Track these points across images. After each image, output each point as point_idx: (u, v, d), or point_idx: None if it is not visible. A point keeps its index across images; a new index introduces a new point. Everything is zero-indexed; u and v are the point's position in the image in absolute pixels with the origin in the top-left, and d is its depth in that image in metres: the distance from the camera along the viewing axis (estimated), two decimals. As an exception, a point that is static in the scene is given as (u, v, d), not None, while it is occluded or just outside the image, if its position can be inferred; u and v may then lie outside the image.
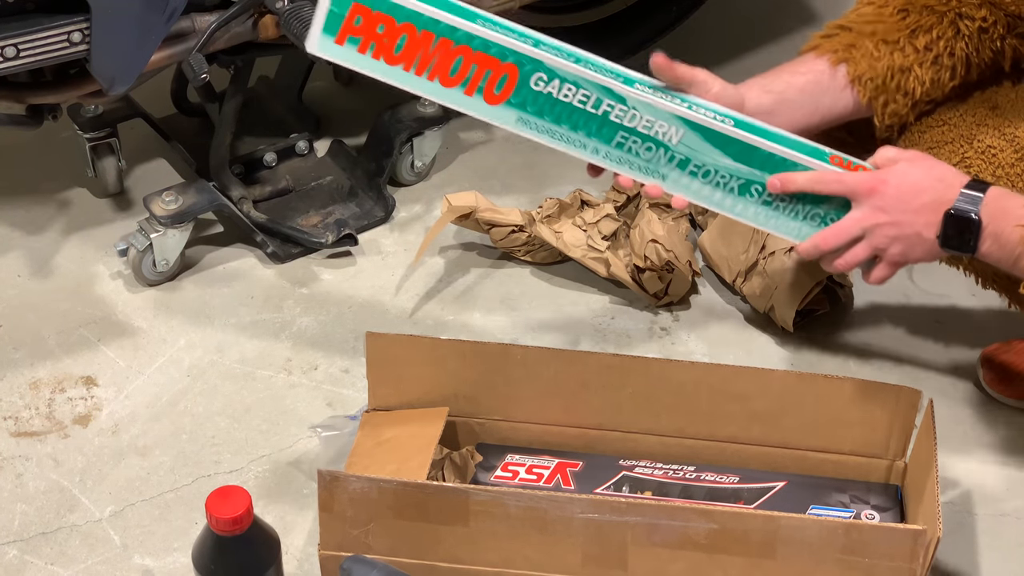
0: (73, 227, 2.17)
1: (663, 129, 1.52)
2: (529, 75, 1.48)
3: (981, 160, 1.65)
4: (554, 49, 1.50)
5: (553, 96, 1.49)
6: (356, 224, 2.16)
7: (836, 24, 1.67)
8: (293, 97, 2.34)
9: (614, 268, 2.05)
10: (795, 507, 1.66)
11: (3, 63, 1.79)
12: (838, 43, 1.65)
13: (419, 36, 1.46)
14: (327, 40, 1.46)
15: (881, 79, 1.64)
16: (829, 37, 1.66)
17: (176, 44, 1.92)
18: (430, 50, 1.46)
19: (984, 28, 1.66)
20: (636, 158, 1.53)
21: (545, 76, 1.48)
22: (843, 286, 2.03)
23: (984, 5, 1.64)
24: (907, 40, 1.65)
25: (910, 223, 1.52)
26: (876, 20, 1.66)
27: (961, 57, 1.66)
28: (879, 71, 1.64)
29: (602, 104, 1.51)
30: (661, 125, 1.52)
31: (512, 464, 1.74)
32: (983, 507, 1.79)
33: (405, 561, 1.56)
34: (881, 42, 1.65)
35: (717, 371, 1.72)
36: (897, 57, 1.65)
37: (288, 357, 1.97)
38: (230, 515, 1.48)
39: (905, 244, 1.53)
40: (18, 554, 1.71)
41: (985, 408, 1.91)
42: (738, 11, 2.62)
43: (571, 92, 1.49)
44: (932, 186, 1.51)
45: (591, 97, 1.50)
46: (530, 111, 1.50)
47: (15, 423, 1.87)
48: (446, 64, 1.47)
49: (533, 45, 1.49)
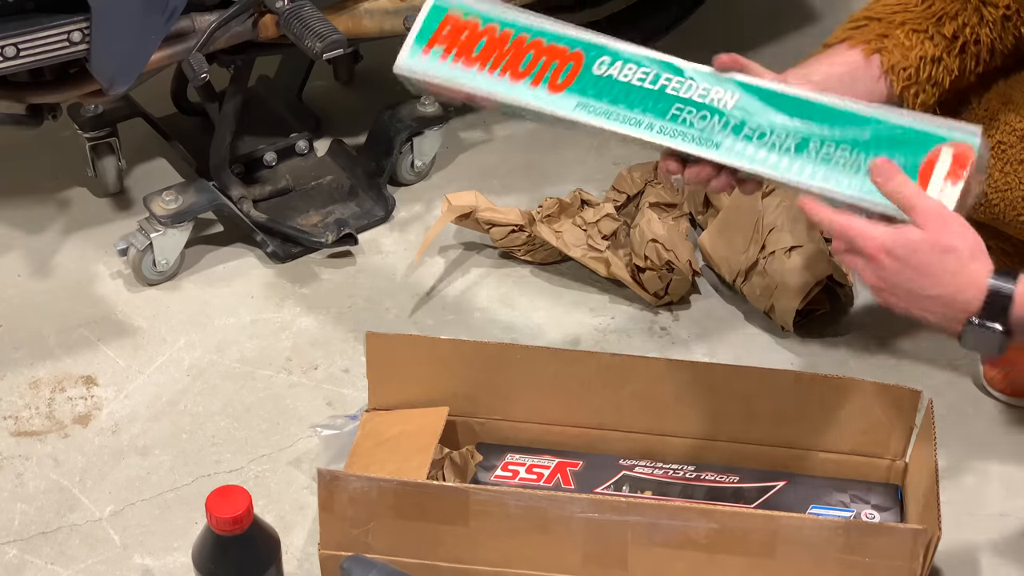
0: (73, 226, 2.17)
1: (718, 95, 1.51)
2: (593, 60, 1.54)
3: (992, 156, 1.65)
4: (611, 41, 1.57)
5: (614, 77, 1.54)
6: (356, 224, 2.16)
7: (863, 15, 1.65)
8: (293, 97, 2.34)
9: (614, 268, 2.05)
10: (795, 507, 1.66)
11: (3, 63, 1.79)
12: (870, 33, 1.64)
13: (498, 36, 1.56)
14: (416, 50, 1.58)
15: (914, 69, 1.63)
16: (859, 28, 1.63)
17: (176, 44, 1.92)
18: (506, 48, 1.55)
19: (1008, 16, 1.65)
20: (690, 128, 1.51)
21: (609, 59, 1.54)
22: (843, 286, 2.03)
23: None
24: (935, 28, 1.64)
25: (920, 312, 1.42)
26: (903, 9, 1.65)
27: (986, 43, 1.66)
28: (912, 61, 1.63)
29: (660, 78, 1.53)
30: (717, 91, 1.52)
31: (512, 464, 1.74)
32: (983, 507, 1.79)
33: (405, 561, 1.56)
34: (911, 31, 1.64)
35: (717, 371, 1.72)
36: (928, 46, 1.64)
37: (288, 357, 1.97)
38: (230, 515, 1.48)
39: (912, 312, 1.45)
40: (18, 554, 1.71)
41: (985, 407, 1.91)
42: (738, 11, 2.62)
43: (631, 71, 1.54)
44: (946, 281, 1.39)
45: (650, 73, 1.54)
46: (590, 94, 1.53)
47: (15, 422, 1.87)
48: (518, 59, 1.55)
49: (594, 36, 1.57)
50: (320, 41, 1.90)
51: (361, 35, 2.04)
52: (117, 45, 1.84)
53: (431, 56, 1.58)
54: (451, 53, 1.57)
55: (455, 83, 1.57)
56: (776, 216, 2.04)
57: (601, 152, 2.33)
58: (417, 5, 2.02)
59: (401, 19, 2.03)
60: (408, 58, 1.59)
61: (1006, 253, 1.73)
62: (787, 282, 1.98)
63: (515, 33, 1.57)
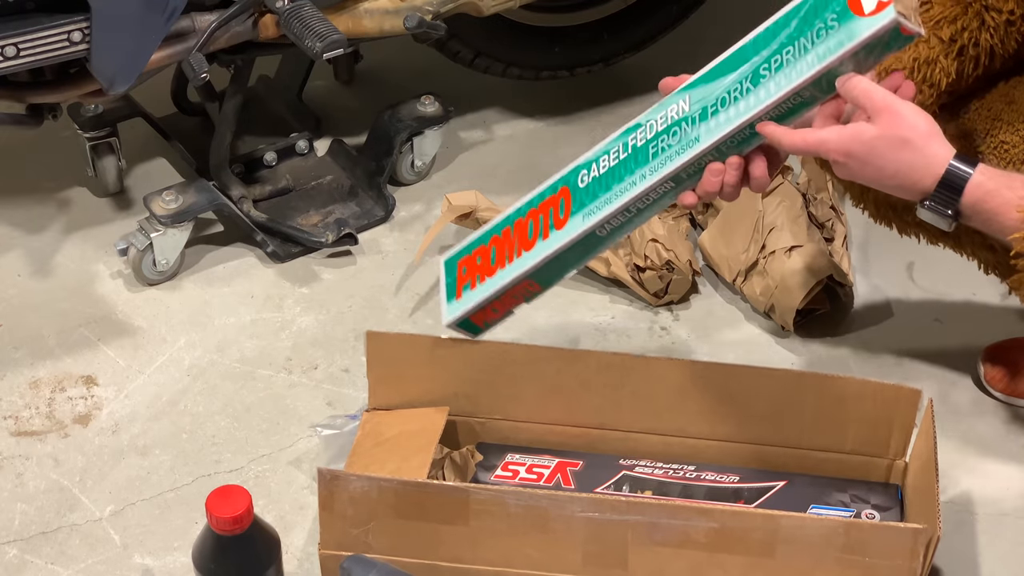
0: (73, 226, 2.17)
1: (674, 111, 1.56)
2: (575, 181, 1.62)
3: (994, 155, 1.65)
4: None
5: (597, 176, 1.60)
6: (356, 223, 2.16)
7: None
8: (293, 96, 2.34)
9: (614, 267, 2.05)
10: (795, 506, 1.66)
11: (3, 62, 1.79)
12: None
13: (502, 236, 1.66)
14: (452, 305, 1.69)
15: (908, 71, 1.63)
16: None
17: (176, 43, 1.92)
18: (512, 236, 1.66)
19: (1011, 20, 1.65)
20: (670, 150, 1.55)
21: (586, 170, 1.62)
22: (844, 285, 2.03)
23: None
24: (932, 32, 1.64)
25: (888, 192, 1.52)
26: None
27: (985, 48, 1.66)
28: (905, 63, 1.64)
29: (628, 143, 1.59)
30: (671, 108, 1.56)
31: (512, 463, 1.74)
32: (983, 506, 1.79)
33: (405, 560, 1.56)
34: None
35: (717, 370, 1.72)
36: (923, 49, 1.64)
37: (288, 356, 1.97)
38: (230, 514, 1.48)
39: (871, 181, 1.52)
40: (18, 553, 1.71)
41: (985, 407, 1.91)
42: (738, 11, 2.62)
43: (606, 160, 1.60)
44: (899, 170, 1.48)
45: (619, 147, 1.60)
46: (588, 203, 1.60)
47: (15, 422, 1.87)
48: (523, 234, 1.64)
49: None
50: (320, 41, 1.90)
51: (361, 35, 2.04)
52: (117, 45, 1.84)
53: (465, 296, 1.67)
54: (476, 279, 1.66)
55: (493, 293, 1.64)
56: (776, 216, 2.04)
57: (601, 152, 2.33)
58: (418, 5, 2.04)
59: (401, 19, 2.03)
60: (449, 315, 1.69)
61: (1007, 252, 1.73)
62: (787, 282, 1.98)
63: (512, 222, 1.66)
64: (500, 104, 2.43)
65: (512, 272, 1.64)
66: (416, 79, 2.43)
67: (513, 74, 2.37)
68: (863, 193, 1.77)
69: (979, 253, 1.75)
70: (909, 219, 1.75)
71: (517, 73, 2.37)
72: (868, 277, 2.10)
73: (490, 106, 2.42)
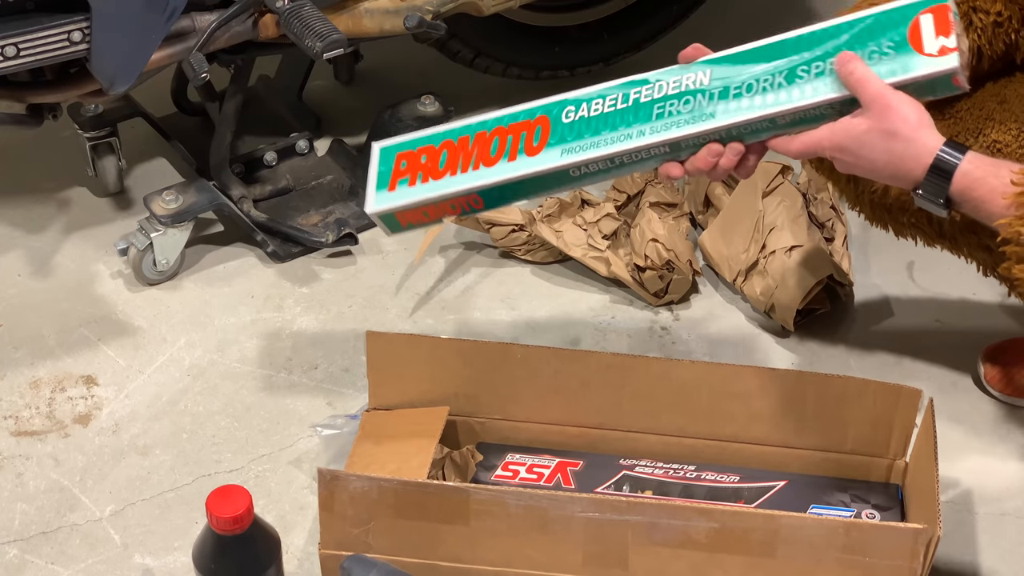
0: (73, 226, 2.17)
1: (691, 79, 1.53)
2: (559, 113, 1.56)
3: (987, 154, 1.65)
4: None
5: (585, 117, 1.55)
6: (356, 223, 2.16)
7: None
8: (293, 96, 2.34)
9: (614, 267, 2.05)
10: (796, 506, 1.66)
11: (3, 62, 1.79)
12: None
13: (457, 144, 1.59)
14: (382, 194, 1.60)
15: None
16: None
17: (176, 43, 1.92)
18: (469, 147, 1.58)
19: (999, 22, 1.65)
20: (679, 116, 1.52)
21: (573, 107, 1.57)
22: (844, 285, 2.03)
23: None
24: None
25: (883, 183, 1.54)
26: None
27: (973, 48, 1.66)
28: None
29: (629, 95, 1.55)
30: (688, 77, 1.53)
31: (512, 463, 1.74)
32: (983, 506, 1.79)
33: (405, 560, 1.56)
34: None
35: (717, 370, 1.72)
36: None
37: (288, 356, 1.97)
38: (230, 514, 1.48)
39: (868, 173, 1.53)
40: (18, 553, 1.71)
41: (986, 407, 1.91)
42: (738, 11, 2.62)
43: (599, 104, 1.56)
44: (888, 163, 1.49)
45: (618, 96, 1.55)
46: (570, 139, 1.55)
47: (15, 422, 1.87)
48: (486, 149, 1.58)
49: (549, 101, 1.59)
50: (320, 41, 1.90)
51: (361, 35, 2.04)
52: (117, 45, 1.84)
53: (399, 190, 1.59)
54: (418, 178, 1.59)
55: (432, 196, 1.57)
56: (776, 216, 2.04)
57: (601, 152, 2.33)
58: (418, 5, 2.04)
59: (401, 19, 2.03)
60: (375, 203, 1.60)
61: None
62: (787, 281, 1.98)
63: (472, 133, 1.59)
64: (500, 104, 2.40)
65: (463, 183, 1.57)
66: (416, 79, 2.43)
67: (513, 74, 2.37)
68: (859, 196, 1.77)
69: (976, 254, 1.75)
70: (905, 220, 1.75)
71: (517, 73, 2.37)
72: (868, 277, 2.10)
73: (490, 106, 2.41)
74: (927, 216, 1.71)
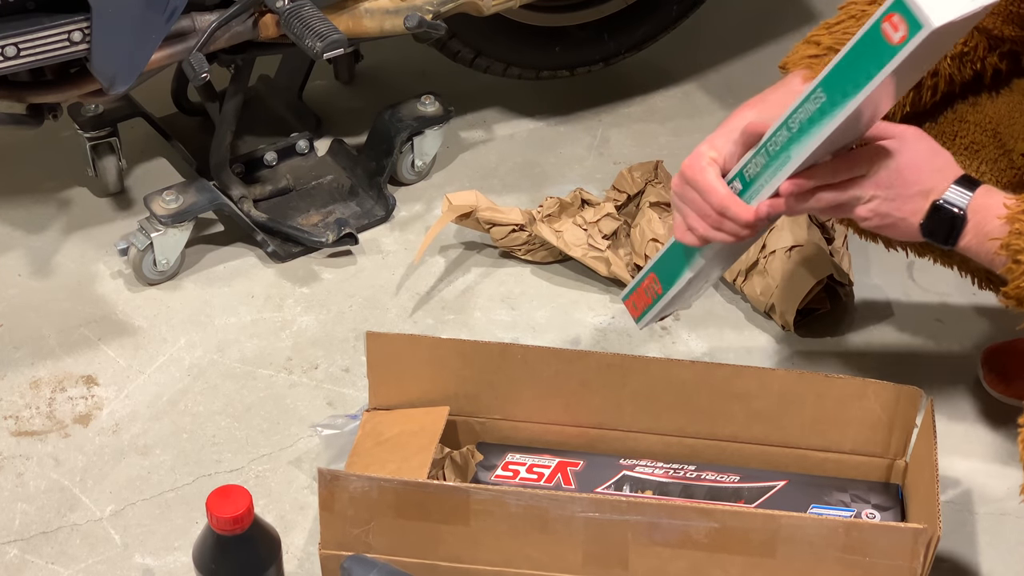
0: (74, 226, 2.17)
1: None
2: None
3: (964, 157, 1.66)
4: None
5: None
6: (356, 223, 2.16)
7: (823, 43, 1.60)
8: (293, 96, 2.34)
9: (615, 267, 2.05)
10: (796, 506, 1.66)
11: (3, 62, 1.79)
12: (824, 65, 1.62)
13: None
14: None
15: None
16: (817, 58, 1.60)
17: (176, 43, 1.92)
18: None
19: (965, 51, 1.66)
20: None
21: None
22: (844, 285, 2.03)
23: None
24: None
25: (900, 208, 1.49)
26: None
27: (944, 75, 1.66)
28: None
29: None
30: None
31: (513, 463, 1.74)
32: (983, 506, 1.79)
33: (406, 560, 1.56)
34: None
35: (718, 370, 1.72)
36: None
37: (289, 356, 1.97)
38: (231, 514, 1.48)
39: (886, 221, 1.51)
40: (19, 553, 1.71)
41: (986, 407, 1.91)
42: (738, 11, 2.62)
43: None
44: (931, 175, 1.49)
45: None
46: None
47: (16, 422, 1.87)
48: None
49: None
50: (320, 41, 1.90)
51: (362, 35, 2.04)
52: (118, 45, 1.84)
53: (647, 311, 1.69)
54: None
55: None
56: (776, 216, 2.04)
57: (601, 152, 2.33)
58: (418, 4, 2.04)
59: (401, 19, 2.03)
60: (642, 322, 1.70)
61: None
62: (788, 281, 1.98)
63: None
64: (500, 104, 2.43)
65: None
66: (416, 79, 2.43)
67: (513, 74, 2.37)
68: None
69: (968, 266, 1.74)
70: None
71: (517, 73, 2.37)
72: (868, 277, 2.10)
73: (490, 106, 2.42)
74: None
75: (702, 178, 1.49)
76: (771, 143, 1.47)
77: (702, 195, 1.49)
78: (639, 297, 1.66)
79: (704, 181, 1.49)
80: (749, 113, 1.53)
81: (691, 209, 1.51)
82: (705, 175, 1.49)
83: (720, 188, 1.48)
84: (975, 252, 1.50)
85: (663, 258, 1.62)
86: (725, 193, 1.48)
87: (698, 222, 1.51)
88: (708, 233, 1.51)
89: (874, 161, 1.47)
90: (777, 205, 1.48)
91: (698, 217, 1.50)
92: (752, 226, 1.49)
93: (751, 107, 1.55)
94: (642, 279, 1.65)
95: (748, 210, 1.48)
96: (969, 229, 1.48)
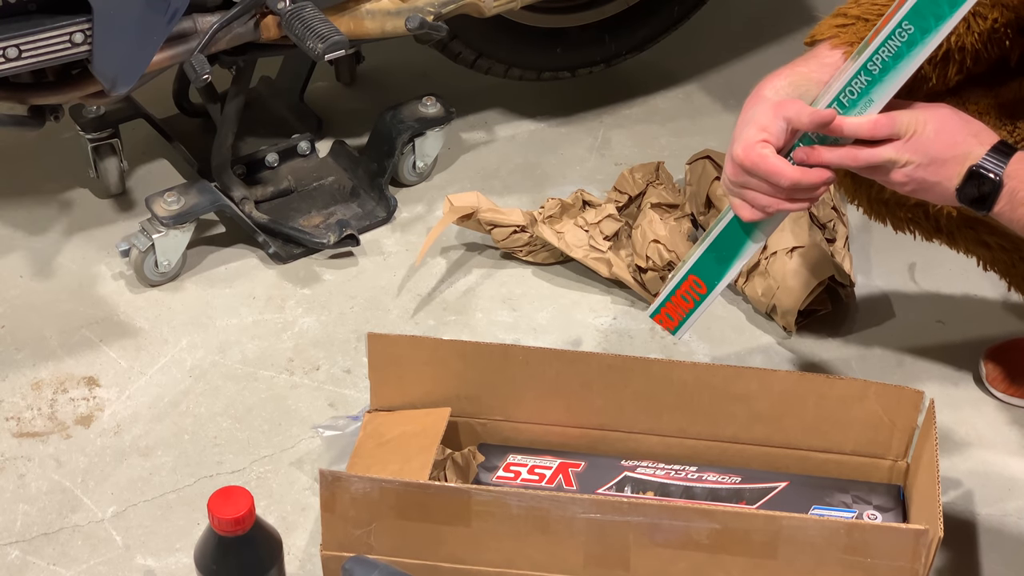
0: (75, 228, 2.17)
1: None
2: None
3: None
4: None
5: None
6: (358, 224, 2.16)
7: (854, 12, 1.62)
8: (295, 97, 2.34)
9: (616, 268, 2.05)
10: (797, 507, 1.66)
11: (5, 64, 1.79)
12: (854, 35, 1.63)
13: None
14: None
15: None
16: (845, 27, 1.62)
17: (178, 45, 1.92)
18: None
19: (995, 28, 1.65)
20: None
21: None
22: (845, 286, 2.03)
23: (996, 6, 1.64)
24: None
25: (936, 172, 1.50)
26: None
27: (971, 51, 1.66)
28: None
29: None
30: None
31: (514, 464, 1.74)
32: (985, 507, 1.79)
33: (407, 561, 1.56)
34: None
35: (719, 371, 1.72)
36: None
37: (290, 357, 1.97)
38: (232, 515, 1.48)
39: (923, 186, 1.52)
40: (20, 555, 1.71)
41: (987, 408, 1.91)
42: (739, 11, 2.62)
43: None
44: (966, 140, 1.50)
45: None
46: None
47: (17, 424, 1.87)
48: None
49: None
50: (322, 42, 1.90)
51: (363, 36, 2.04)
52: (119, 46, 1.84)
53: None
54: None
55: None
56: (778, 217, 2.04)
57: (603, 153, 2.33)
58: (419, 6, 2.04)
59: (403, 20, 2.03)
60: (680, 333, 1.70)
61: (1004, 249, 1.73)
62: (789, 282, 1.98)
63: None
64: (502, 105, 2.43)
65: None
66: (418, 80, 2.43)
67: (515, 75, 2.37)
68: (856, 189, 1.77)
69: (975, 250, 1.75)
70: (902, 215, 1.75)
71: (519, 74, 2.37)
72: (870, 278, 2.10)
73: (492, 107, 2.43)
74: (924, 211, 1.72)
75: (764, 163, 1.50)
76: (845, 94, 1.49)
77: (769, 179, 1.50)
78: (675, 307, 1.67)
79: (767, 165, 1.50)
80: (781, 83, 1.54)
81: (758, 192, 1.52)
82: (766, 161, 1.50)
83: (786, 168, 1.50)
84: (1008, 218, 1.51)
85: (703, 258, 1.62)
86: (792, 169, 1.50)
87: (769, 200, 1.52)
88: (782, 206, 1.53)
89: (912, 124, 1.48)
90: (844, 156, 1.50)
91: (768, 196, 1.52)
92: (829, 182, 1.53)
93: (782, 76, 1.56)
94: (676, 287, 1.65)
95: (822, 173, 1.50)
96: (1004, 195, 1.49)
